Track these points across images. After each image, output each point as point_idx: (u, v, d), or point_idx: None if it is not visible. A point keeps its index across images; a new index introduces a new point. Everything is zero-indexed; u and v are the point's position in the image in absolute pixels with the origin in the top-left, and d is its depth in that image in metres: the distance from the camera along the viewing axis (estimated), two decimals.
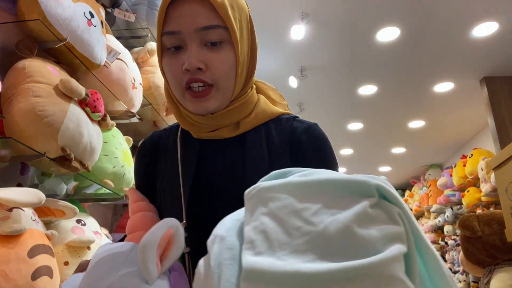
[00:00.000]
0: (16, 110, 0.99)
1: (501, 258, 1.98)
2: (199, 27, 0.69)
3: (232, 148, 0.78)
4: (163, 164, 0.83)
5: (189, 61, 0.69)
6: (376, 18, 2.93)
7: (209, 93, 0.72)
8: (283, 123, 0.80)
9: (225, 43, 0.72)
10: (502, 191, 1.94)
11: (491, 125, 3.68)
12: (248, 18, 0.78)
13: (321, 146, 0.77)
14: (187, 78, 0.71)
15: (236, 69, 0.74)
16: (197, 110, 0.74)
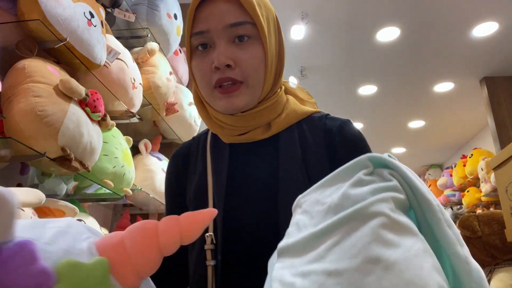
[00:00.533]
0: (16, 110, 0.99)
1: (501, 258, 1.98)
2: (228, 24, 0.70)
3: (265, 151, 0.76)
4: (193, 174, 0.81)
5: (218, 58, 0.69)
6: (376, 18, 2.93)
7: (238, 89, 0.71)
8: (315, 122, 0.78)
9: (253, 39, 0.71)
10: (502, 191, 1.94)
11: (491, 125, 3.68)
12: (275, 19, 0.78)
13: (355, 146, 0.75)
14: (217, 78, 0.70)
15: (265, 65, 0.73)
16: (226, 108, 0.72)
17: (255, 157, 0.76)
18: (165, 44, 1.95)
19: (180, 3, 2.17)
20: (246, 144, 0.77)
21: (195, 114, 2.15)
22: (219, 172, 0.76)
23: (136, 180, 1.70)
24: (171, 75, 1.91)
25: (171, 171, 0.86)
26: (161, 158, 1.92)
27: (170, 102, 1.88)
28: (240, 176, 0.76)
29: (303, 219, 0.45)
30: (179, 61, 2.23)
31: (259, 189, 0.73)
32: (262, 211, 0.71)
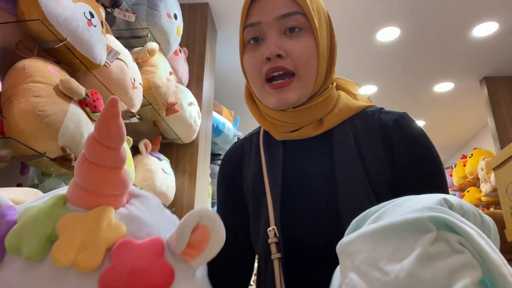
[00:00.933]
0: (16, 110, 0.99)
1: None
2: (279, 15, 0.70)
3: (318, 147, 0.75)
4: (247, 172, 0.82)
5: (269, 49, 0.69)
6: (376, 18, 2.93)
7: (290, 83, 0.70)
8: (369, 117, 0.75)
9: (304, 30, 0.71)
10: (502, 191, 1.93)
11: (491, 125, 3.68)
12: (327, 17, 0.78)
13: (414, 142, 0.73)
14: (268, 68, 0.70)
15: (317, 58, 0.72)
16: (277, 103, 0.71)
17: (309, 154, 0.76)
18: (165, 44, 1.95)
19: (180, 3, 2.17)
20: (299, 141, 0.76)
21: (195, 114, 2.15)
22: (274, 170, 0.76)
23: (136, 180, 1.69)
24: (171, 75, 1.91)
25: (225, 170, 0.86)
26: (161, 158, 1.92)
27: (170, 102, 1.88)
28: (296, 173, 0.76)
29: (360, 284, 0.40)
30: (179, 61, 2.23)
31: (316, 186, 0.73)
32: (321, 207, 0.71)
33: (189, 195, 2.15)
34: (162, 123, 1.99)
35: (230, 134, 2.85)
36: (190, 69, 2.42)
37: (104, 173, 0.41)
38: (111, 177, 0.42)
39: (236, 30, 3.11)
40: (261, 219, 0.75)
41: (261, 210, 0.75)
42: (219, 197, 0.87)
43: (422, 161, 0.71)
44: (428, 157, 0.72)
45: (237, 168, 0.84)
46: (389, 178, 0.70)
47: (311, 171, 0.75)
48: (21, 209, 0.44)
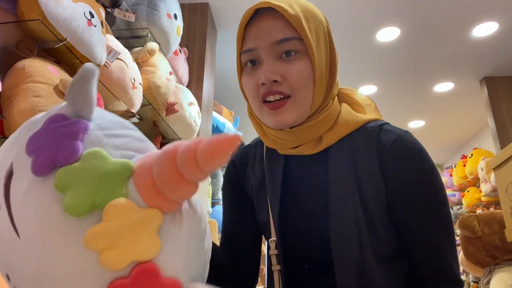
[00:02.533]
0: (16, 110, 0.99)
1: (501, 258, 1.98)
2: (274, 41, 0.70)
3: (315, 166, 0.76)
4: (251, 179, 0.84)
5: (265, 74, 0.69)
6: (376, 18, 2.93)
7: (285, 104, 0.70)
8: (368, 133, 0.74)
9: (300, 54, 0.71)
10: (502, 191, 1.93)
11: (491, 125, 3.68)
12: (326, 32, 0.76)
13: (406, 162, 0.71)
14: (264, 91, 0.71)
15: (313, 80, 0.71)
16: (275, 124, 0.72)
17: (306, 171, 0.77)
18: (165, 44, 1.95)
19: (180, 3, 2.17)
20: (300, 156, 0.77)
21: (195, 114, 2.15)
22: (274, 183, 0.78)
23: None
24: (171, 75, 1.91)
25: (230, 175, 0.88)
26: None
27: (170, 102, 1.88)
28: (294, 187, 0.78)
29: None
30: (179, 61, 2.23)
31: (311, 204, 0.75)
32: (315, 223, 0.74)
33: None
34: (162, 123, 1.99)
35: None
36: (190, 69, 2.42)
37: (187, 185, 0.39)
38: (191, 190, 0.40)
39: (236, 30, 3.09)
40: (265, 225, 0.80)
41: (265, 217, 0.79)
42: (224, 201, 0.89)
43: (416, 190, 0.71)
44: (423, 184, 0.71)
45: (243, 174, 0.87)
46: (383, 198, 0.71)
47: (308, 186, 0.77)
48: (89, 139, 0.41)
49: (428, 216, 0.70)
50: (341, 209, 0.70)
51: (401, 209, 0.71)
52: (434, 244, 0.70)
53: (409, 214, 0.71)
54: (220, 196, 3.14)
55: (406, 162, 0.71)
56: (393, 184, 0.71)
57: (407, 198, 0.70)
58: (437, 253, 0.70)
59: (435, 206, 0.71)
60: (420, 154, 0.72)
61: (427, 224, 0.70)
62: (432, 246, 0.70)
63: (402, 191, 0.70)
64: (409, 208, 0.70)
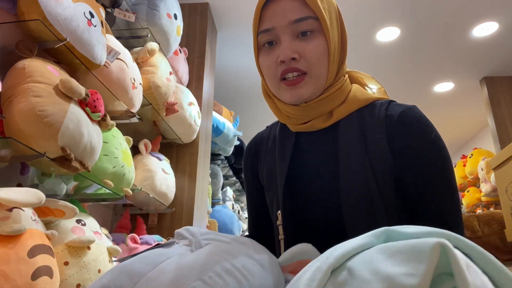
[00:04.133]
0: (16, 110, 0.99)
1: (501, 258, 1.98)
2: (292, 20, 0.74)
3: (325, 138, 0.80)
4: (264, 159, 0.90)
5: (284, 52, 0.73)
6: (376, 18, 2.93)
7: (302, 80, 0.75)
8: (377, 109, 0.78)
9: (315, 33, 0.75)
10: (502, 191, 1.93)
11: (491, 125, 3.68)
12: (337, 11, 0.80)
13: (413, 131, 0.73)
14: (283, 69, 0.75)
15: (328, 56, 0.76)
16: (292, 98, 0.77)
17: (316, 145, 0.81)
18: (165, 44, 1.95)
19: (180, 3, 2.17)
20: (311, 132, 0.81)
21: (195, 114, 2.15)
22: (283, 159, 0.82)
23: (136, 180, 1.69)
24: (171, 75, 1.91)
25: (246, 159, 0.95)
26: (161, 158, 1.92)
27: (170, 102, 1.88)
28: (303, 161, 0.81)
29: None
30: (179, 61, 2.23)
31: (320, 175, 0.78)
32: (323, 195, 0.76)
33: (189, 195, 2.15)
34: (162, 123, 1.99)
35: (230, 134, 2.85)
36: (190, 69, 2.42)
37: None
38: None
39: (236, 30, 3.12)
40: (273, 201, 0.83)
41: (273, 193, 0.83)
42: (245, 182, 0.97)
43: (424, 155, 0.73)
44: (431, 151, 0.73)
45: (256, 157, 0.93)
46: (392, 169, 0.73)
47: (316, 160, 0.80)
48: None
49: (436, 182, 0.72)
50: (353, 177, 0.72)
51: (409, 176, 0.72)
52: (439, 211, 0.71)
53: (416, 180, 0.72)
54: (220, 196, 3.14)
55: (413, 131, 0.73)
56: (401, 154, 0.73)
57: (415, 164, 0.72)
58: (442, 219, 0.71)
59: (442, 173, 0.73)
60: (427, 124, 0.75)
61: (434, 189, 0.72)
62: (437, 213, 0.71)
63: (410, 159, 0.72)
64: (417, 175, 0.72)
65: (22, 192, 0.93)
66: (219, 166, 3.15)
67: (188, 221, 2.10)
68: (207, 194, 2.47)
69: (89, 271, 1.12)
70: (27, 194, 0.93)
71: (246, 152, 0.96)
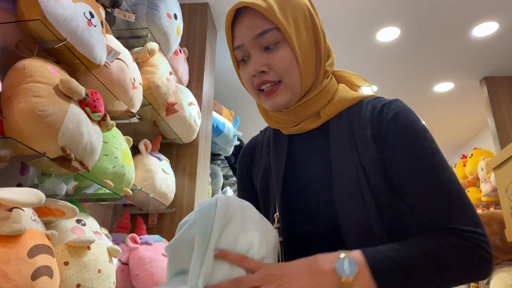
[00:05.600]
0: (16, 110, 0.98)
1: (501, 258, 1.98)
2: (255, 35, 0.77)
3: (317, 139, 0.82)
4: (259, 163, 0.92)
5: (253, 67, 0.78)
6: (376, 18, 2.93)
7: (277, 89, 0.78)
8: (364, 106, 0.80)
9: (281, 42, 0.77)
10: (502, 191, 1.93)
11: (491, 125, 3.68)
12: (306, 12, 0.81)
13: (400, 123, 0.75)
14: (256, 82, 0.79)
15: (297, 63, 0.78)
16: (271, 107, 0.80)
17: (309, 147, 0.83)
18: (165, 44, 1.95)
19: (180, 3, 2.17)
20: (302, 134, 0.84)
21: (195, 114, 2.15)
22: (279, 162, 0.84)
23: (136, 180, 1.69)
24: (171, 75, 1.91)
25: (240, 164, 0.97)
26: (161, 158, 1.92)
27: (170, 102, 1.88)
28: (297, 164, 0.83)
29: None
30: (179, 61, 2.23)
31: (314, 177, 0.80)
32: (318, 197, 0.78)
33: (189, 195, 2.15)
34: (162, 123, 1.99)
35: (230, 134, 2.85)
36: (190, 69, 2.42)
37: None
38: None
39: None
40: (270, 204, 0.83)
41: (269, 197, 0.85)
42: (238, 184, 0.99)
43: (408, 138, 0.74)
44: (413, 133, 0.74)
45: (251, 161, 0.95)
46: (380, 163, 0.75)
47: (310, 161, 0.81)
48: None
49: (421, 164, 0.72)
50: (344, 179, 0.74)
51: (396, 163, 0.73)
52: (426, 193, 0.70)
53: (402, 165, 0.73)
54: None
55: (395, 119, 0.75)
56: (386, 143, 0.75)
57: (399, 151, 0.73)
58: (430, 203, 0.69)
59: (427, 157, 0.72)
60: (408, 112, 0.76)
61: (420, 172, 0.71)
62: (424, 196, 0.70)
63: (395, 146, 0.74)
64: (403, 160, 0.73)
65: (22, 192, 0.93)
66: (219, 166, 3.15)
67: None
68: (207, 194, 2.47)
69: (89, 271, 1.12)
70: (27, 194, 0.93)
71: (241, 156, 0.98)
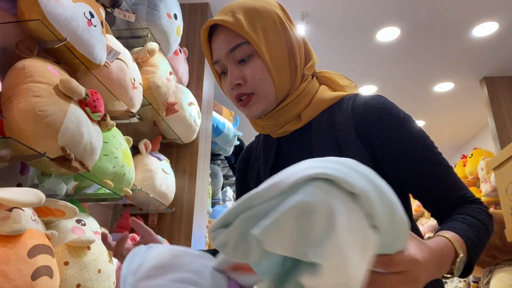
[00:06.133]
0: (16, 110, 0.99)
1: (501, 258, 1.98)
2: (228, 50, 0.80)
3: (301, 139, 0.84)
4: (253, 167, 0.95)
5: (230, 81, 0.80)
6: (376, 18, 2.93)
7: (250, 100, 0.81)
8: (344, 104, 0.82)
9: (253, 55, 0.79)
10: (502, 191, 1.94)
11: (491, 125, 3.68)
12: (277, 20, 0.82)
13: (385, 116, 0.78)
14: (234, 94, 0.82)
15: (269, 73, 0.79)
16: (248, 116, 0.84)
17: (295, 147, 0.85)
18: (165, 44, 1.95)
19: (180, 3, 2.17)
20: (288, 135, 0.86)
21: (195, 114, 2.15)
22: (266, 165, 0.87)
23: (136, 180, 1.69)
24: (171, 75, 1.91)
25: (238, 167, 1.01)
26: (161, 158, 1.92)
27: (170, 102, 1.88)
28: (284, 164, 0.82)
29: None
30: (179, 61, 2.23)
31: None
32: None
33: (189, 195, 2.15)
34: (162, 123, 1.99)
35: (230, 134, 2.85)
36: (190, 69, 2.42)
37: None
38: None
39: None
40: None
41: None
42: (236, 186, 1.02)
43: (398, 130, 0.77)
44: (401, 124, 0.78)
45: (247, 166, 0.98)
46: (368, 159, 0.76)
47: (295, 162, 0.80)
48: None
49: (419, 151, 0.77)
50: None
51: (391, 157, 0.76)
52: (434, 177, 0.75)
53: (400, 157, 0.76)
54: (220, 196, 3.14)
55: (380, 114, 0.78)
56: (375, 139, 0.76)
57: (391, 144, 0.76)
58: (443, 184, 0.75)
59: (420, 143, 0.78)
60: (391, 105, 0.80)
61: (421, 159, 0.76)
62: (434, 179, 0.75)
63: (385, 140, 0.76)
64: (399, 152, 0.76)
65: (22, 192, 0.93)
66: (219, 166, 3.15)
67: (188, 221, 2.10)
68: (207, 194, 2.47)
69: (89, 271, 1.12)
70: (27, 194, 0.93)
71: (239, 162, 1.01)
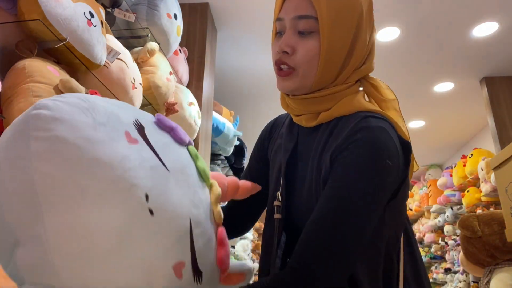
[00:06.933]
0: (16, 110, 0.99)
1: (501, 258, 1.98)
2: (294, 16, 0.76)
3: (310, 138, 0.83)
4: (274, 141, 0.94)
5: (280, 44, 0.77)
6: (377, 18, 2.91)
7: (289, 74, 0.78)
8: (352, 119, 0.74)
9: (315, 34, 0.76)
10: (502, 191, 1.93)
11: (491, 125, 3.68)
12: (357, 15, 0.79)
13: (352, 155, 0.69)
14: (277, 59, 0.79)
15: (319, 59, 0.76)
16: (279, 87, 0.82)
17: (306, 142, 0.84)
18: (165, 44, 1.95)
19: (180, 3, 2.17)
20: (304, 128, 0.84)
21: (195, 114, 2.15)
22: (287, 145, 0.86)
23: None
24: (171, 75, 1.91)
25: (261, 135, 1.00)
26: None
27: (170, 102, 1.88)
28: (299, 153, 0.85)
29: None
30: (179, 61, 2.23)
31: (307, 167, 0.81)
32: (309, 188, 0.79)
33: None
34: None
35: (230, 134, 2.85)
36: (190, 69, 2.42)
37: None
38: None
39: (236, 30, 3.12)
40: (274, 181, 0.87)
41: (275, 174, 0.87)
42: (253, 150, 1.02)
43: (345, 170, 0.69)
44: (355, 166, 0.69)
45: (270, 136, 0.97)
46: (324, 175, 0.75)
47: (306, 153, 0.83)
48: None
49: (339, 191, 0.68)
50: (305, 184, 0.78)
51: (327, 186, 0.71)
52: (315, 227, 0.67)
53: (325, 191, 0.70)
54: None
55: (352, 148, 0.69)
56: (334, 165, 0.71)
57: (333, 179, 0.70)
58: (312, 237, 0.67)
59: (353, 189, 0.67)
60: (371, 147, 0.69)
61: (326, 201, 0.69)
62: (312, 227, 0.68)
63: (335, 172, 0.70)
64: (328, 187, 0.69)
65: None
66: (219, 166, 3.15)
67: None
68: None
69: None
70: None
71: (264, 129, 1.00)
